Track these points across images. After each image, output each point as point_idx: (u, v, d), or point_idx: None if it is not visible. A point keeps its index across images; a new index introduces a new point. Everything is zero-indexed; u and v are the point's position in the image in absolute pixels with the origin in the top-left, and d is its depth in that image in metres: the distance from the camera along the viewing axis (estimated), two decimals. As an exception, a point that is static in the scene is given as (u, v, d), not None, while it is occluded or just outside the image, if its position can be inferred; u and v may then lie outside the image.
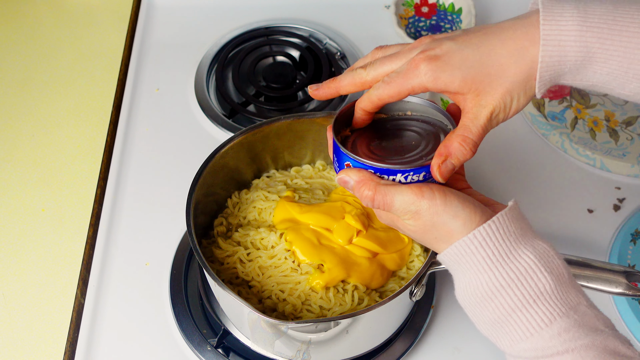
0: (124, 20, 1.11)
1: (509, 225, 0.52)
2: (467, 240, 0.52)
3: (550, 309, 0.51)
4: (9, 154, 0.95)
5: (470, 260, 0.52)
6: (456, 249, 0.53)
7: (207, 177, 0.72)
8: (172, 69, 1.04)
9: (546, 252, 0.53)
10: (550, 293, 0.51)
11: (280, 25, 1.10)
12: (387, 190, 0.54)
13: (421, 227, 0.55)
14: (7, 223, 0.88)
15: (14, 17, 1.13)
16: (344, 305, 0.68)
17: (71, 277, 0.83)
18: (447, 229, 0.53)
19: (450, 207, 0.53)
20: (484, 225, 0.51)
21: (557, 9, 0.52)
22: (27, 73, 1.05)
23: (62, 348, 0.77)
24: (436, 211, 0.53)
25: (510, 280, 0.51)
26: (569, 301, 0.51)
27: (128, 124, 0.97)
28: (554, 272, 0.52)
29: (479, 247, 0.52)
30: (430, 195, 0.53)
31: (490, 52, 0.53)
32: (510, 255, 0.52)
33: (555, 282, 0.51)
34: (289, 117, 0.76)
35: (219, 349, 0.75)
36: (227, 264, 0.72)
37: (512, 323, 0.52)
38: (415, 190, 0.53)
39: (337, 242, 0.71)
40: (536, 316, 0.51)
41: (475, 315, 0.55)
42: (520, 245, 0.52)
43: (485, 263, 0.52)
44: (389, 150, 0.58)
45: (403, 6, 1.12)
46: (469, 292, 0.53)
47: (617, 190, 0.91)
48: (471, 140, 0.54)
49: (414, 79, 0.54)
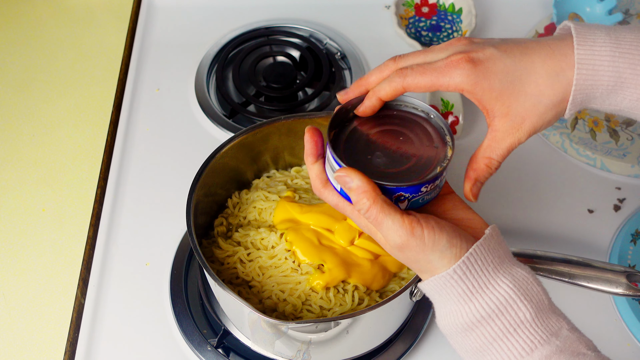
0: (124, 20, 1.11)
1: (487, 255, 0.52)
2: (446, 275, 0.51)
3: (531, 337, 0.50)
4: (9, 154, 0.95)
5: (450, 292, 0.52)
6: (436, 281, 0.52)
7: (207, 177, 0.72)
8: (172, 69, 1.04)
9: (524, 279, 0.52)
10: (530, 321, 0.51)
11: (281, 25, 1.10)
12: (383, 208, 0.52)
13: (403, 258, 0.54)
14: (7, 223, 0.88)
15: (14, 17, 1.13)
16: (344, 306, 0.68)
17: (71, 277, 0.83)
18: (432, 265, 0.52)
19: (438, 246, 0.52)
20: (462, 259, 0.51)
21: (590, 35, 0.52)
22: (27, 73, 1.05)
23: (62, 348, 0.77)
24: (423, 249, 0.52)
25: (491, 311, 0.51)
26: (550, 327, 0.51)
27: (128, 124, 0.97)
28: (534, 299, 0.51)
29: (458, 280, 0.51)
30: (420, 235, 0.51)
31: (530, 69, 0.53)
32: (488, 285, 0.51)
33: (535, 310, 0.51)
34: (289, 117, 0.76)
35: (219, 349, 0.75)
36: (227, 264, 0.72)
37: (493, 352, 0.51)
38: (407, 226, 0.51)
39: (338, 243, 0.71)
40: (517, 345, 0.50)
41: (457, 343, 0.54)
42: (498, 275, 0.52)
43: (466, 295, 0.51)
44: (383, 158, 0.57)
45: (403, 6, 1.12)
46: (450, 322, 0.53)
47: (618, 190, 0.91)
48: (496, 163, 0.55)
49: (451, 77, 0.53)
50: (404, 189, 0.54)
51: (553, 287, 0.81)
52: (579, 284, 0.66)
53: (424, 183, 0.54)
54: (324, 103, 0.98)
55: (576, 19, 1.07)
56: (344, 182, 0.53)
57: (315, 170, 0.57)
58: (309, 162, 0.57)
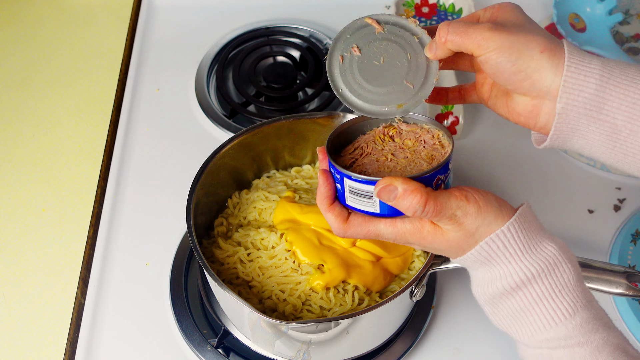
0: (124, 20, 1.11)
1: (531, 219, 0.54)
2: (500, 234, 0.52)
3: (574, 299, 0.52)
4: (9, 154, 0.95)
5: (501, 254, 0.53)
6: (487, 245, 0.53)
7: (207, 177, 0.72)
8: (172, 69, 1.04)
9: (564, 246, 0.54)
10: (574, 284, 0.53)
11: (281, 25, 1.10)
12: (436, 196, 0.52)
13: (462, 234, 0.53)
14: (7, 223, 0.88)
15: (14, 17, 1.13)
16: (344, 306, 0.68)
17: (71, 277, 0.83)
18: (490, 229, 0.53)
19: (491, 206, 0.53)
20: (513, 219, 0.52)
21: None
22: (27, 73, 1.05)
23: (62, 348, 0.77)
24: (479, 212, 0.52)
25: (541, 270, 0.52)
26: (587, 295, 0.53)
27: (128, 124, 0.97)
28: (574, 264, 0.54)
29: (511, 239, 0.52)
30: (474, 199, 0.53)
31: None
32: (537, 246, 0.53)
33: (576, 275, 0.53)
34: (289, 117, 0.76)
35: (219, 349, 0.75)
36: (227, 264, 0.72)
37: (537, 313, 0.53)
38: (461, 197, 0.53)
39: (339, 243, 0.71)
40: (561, 306, 0.52)
41: (497, 307, 0.55)
42: (543, 238, 0.54)
43: (517, 254, 0.53)
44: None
45: (403, 6, 1.12)
46: (495, 286, 0.54)
47: (618, 190, 0.91)
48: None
49: None
50: (439, 171, 0.54)
51: (553, 287, 0.81)
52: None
53: (448, 160, 0.55)
54: (324, 103, 0.98)
55: (576, 19, 1.07)
56: (389, 192, 0.52)
57: (334, 211, 0.57)
58: (325, 206, 0.57)
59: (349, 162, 0.59)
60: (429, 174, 0.54)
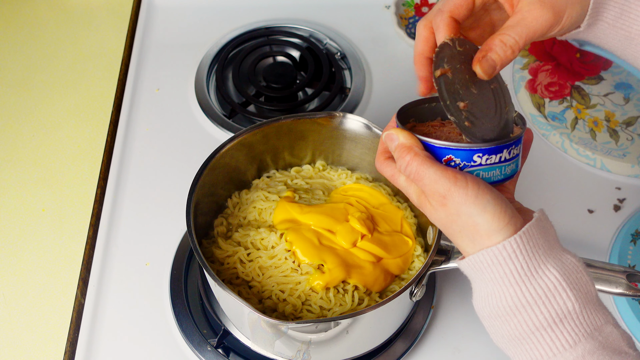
0: (124, 20, 1.11)
1: (537, 238, 0.50)
2: (495, 251, 0.50)
3: (575, 329, 0.49)
4: (9, 154, 0.95)
5: (496, 272, 0.50)
6: (482, 257, 0.51)
7: (207, 177, 0.72)
8: (172, 69, 1.04)
9: (574, 267, 0.51)
10: (577, 313, 0.49)
11: (281, 25, 1.10)
12: (424, 161, 0.52)
13: (446, 215, 0.52)
14: (7, 223, 0.88)
15: (14, 17, 1.13)
16: (344, 306, 0.68)
17: (71, 277, 0.83)
18: (473, 221, 0.50)
19: (481, 200, 0.50)
20: (513, 238, 0.49)
21: None
22: (27, 73, 1.05)
23: (62, 348, 0.77)
24: (465, 200, 0.50)
25: (537, 298, 0.49)
26: (595, 322, 0.50)
27: (128, 124, 0.97)
28: (581, 290, 0.50)
29: (507, 259, 0.50)
30: (463, 184, 0.50)
31: None
32: (538, 270, 0.50)
33: (582, 302, 0.49)
34: (289, 117, 0.76)
35: (219, 349, 0.75)
36: (227, 264, 0.72)
37: (534, 342, 0.50)
38: (449, 175, 0.51)
39: (339, 244, 0.71)
40: (561, 337, 0.49)
41: (493, 327, 0.53)
42: (548, 260, 0.50)
43: (512, 277, 0.50)
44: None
45: (403, 6, 1.12)
46: (490, 304, 0.52)
47: (618, 190, 0.91)
48: (513, 40, 0.53)
49: None
50: (452, 150, 0.52)
51: (553, 287, 0.81)
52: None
53: (474, 150, 0.52)
54: (324, 103, 0.98)
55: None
56: (391, 140, 0.54)
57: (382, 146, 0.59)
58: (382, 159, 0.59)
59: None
60: (438, 147, 0.53)
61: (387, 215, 0.76)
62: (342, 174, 0.82)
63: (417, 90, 0.60)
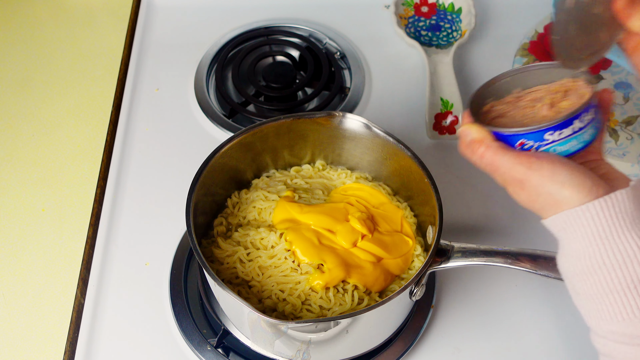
0: (124, 20, 1.11)
1: (627, 204, 0.51)
2: (578, 211, 0.51)
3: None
4: (9, 154, 0.95)
5: (579, 230, 0.51)
6: (565, 216, 0.52)
7: (207, 177, 0.72)
8: (172, 69, 1.04)
9: None
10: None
11: (280, 25, 1.10)
12: (497, 151, 0.55)
13: (527, 197, 0.55)
14: (7, 223, 0.88)
15: (14, 17, 1.13)
16: (344, 305, 0.68)
17: (71, 277, 0.83)
18: (553, 199, 0.52)
19: (558, 177, 0.52)
20: (599, 200, 0.50)
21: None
22: (27, 73, 1.05)
23: (62, 348, 0.77)
24: (542, 182, 0.53)
25: (615, 261, 0.50)
26: None
27: (128, 123, 0.97)
28: None
29: (593, 218, 0.51)
30: (538, 166, 0.53)
31: None
32: (620, 235, 0.50)
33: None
34: (288, 116, 0.76)
35: (219, 349, 0.75)
36: (227, 264, 0.72)
37: (608, 302, 0.51)
38: (523, 159, 0.53)
39: (339, 244, 0.71)
40: (632, 302, 0.50)
41: (573, 285, 0.54)
42: (634, 228, 0.50)
43: (593, 237, 0.51)
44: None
45: (403, 6, 1.12)
46: (572, 261, 0.53)
47: (617, 189, 0.91)
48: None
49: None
50: (522, 135, 0.54)
51: (553, 287, 0.81)
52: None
53: (543, 130, 0.53)
54: (324, 103, 0.98)
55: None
56: (465, 136, 0.57)
57: None
58: None
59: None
60: (508, 135, 0.54)
61: (387, 215, 0.76)
62: (342, 173, 0.82)
63: None
